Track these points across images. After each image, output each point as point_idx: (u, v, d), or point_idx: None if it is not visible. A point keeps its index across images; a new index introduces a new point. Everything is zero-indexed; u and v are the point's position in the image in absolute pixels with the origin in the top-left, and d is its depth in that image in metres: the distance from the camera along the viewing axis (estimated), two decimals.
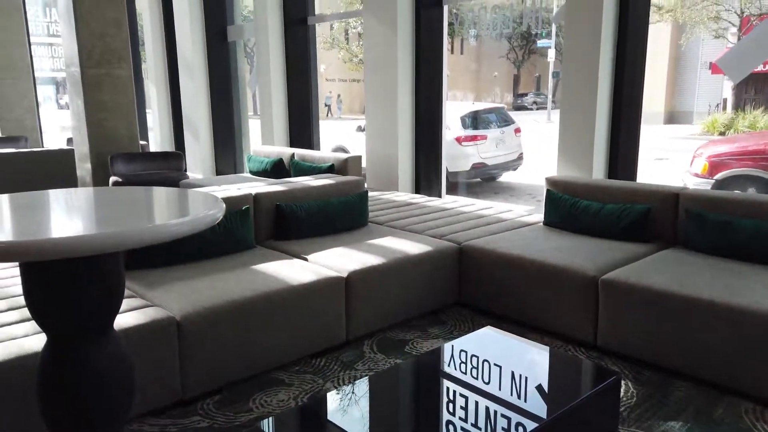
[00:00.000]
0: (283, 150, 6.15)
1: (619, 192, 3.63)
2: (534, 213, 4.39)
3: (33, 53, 9.21)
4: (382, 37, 5.41)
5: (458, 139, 8.45)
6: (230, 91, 8.37)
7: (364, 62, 5.80)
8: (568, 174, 4.23)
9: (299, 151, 5.91)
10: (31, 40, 9.24)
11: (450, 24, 5.56)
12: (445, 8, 5.32)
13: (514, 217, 4.18)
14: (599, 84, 4.04)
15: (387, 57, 5.41)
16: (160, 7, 8.79)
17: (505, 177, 9.86)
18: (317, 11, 7.09)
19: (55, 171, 6.40)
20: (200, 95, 8.17)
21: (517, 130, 9.35)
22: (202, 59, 8.09)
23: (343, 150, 9.54)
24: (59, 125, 10.80)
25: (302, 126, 7.12)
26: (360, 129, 9.37)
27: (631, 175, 4.28)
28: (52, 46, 10.20)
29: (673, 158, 11.26)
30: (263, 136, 7.28)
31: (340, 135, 10.39)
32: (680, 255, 3.17)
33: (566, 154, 4.29)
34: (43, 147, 8.69)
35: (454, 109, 8.63)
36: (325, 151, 6.51)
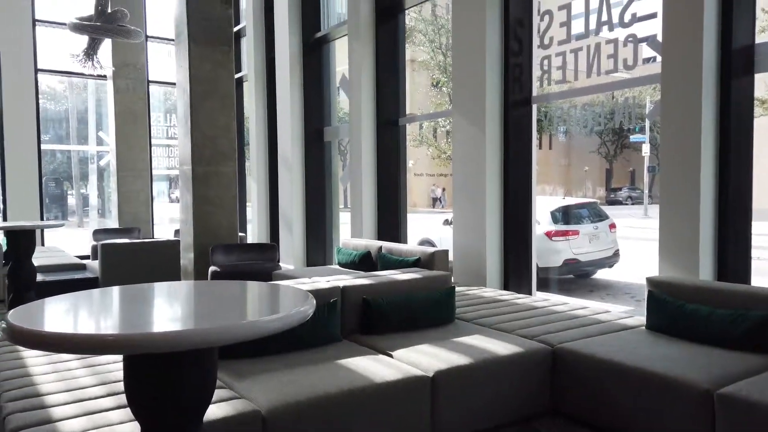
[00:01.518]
0: (371, 243, 6.27)
1: (733, 295, 3.32)
2: (634, 315, 4.10)
3: (152, 153, 10.26)
4: (471, 134, 5.54)
5: (549, 234, 8.25)
6: (323, 186, 8.80)
7: (452, 158, 5.93)
8: (672, 274, 3.96)
9: (386, 244, 6.00)
10: (152, 142, 10.33)
11: (539, 121, 5.62)
12: (534, 107, 5.40)
13: (612, 319, 3.93)
14: (701, 180, 3.85)
15: (475, 153, 5.50)
16: (265, 111, 9.60)
17: (601, 274, 9.40)
18: (408, 111, 7.44)
19: (161, 260, 6.88)
20: (296, 190, 8.65)
21: (612, 226, 9.00)
22: (299, 157, 8.64)
23: (430, 243, 9.57)
24: (169, 217, 11.74)
25: (390, 219, 7.27)
26: (447, 222, 9.41)
27: (744, 276, 3.93)
28: (169, 147, 11.32)
29: None
30: (353, 229, 7.49)
31: (426, 228, 10.48)
32: None
33: (668, 253, 4.04)
34: (153, 237, 9.43)
35: (543, 204, 8.51)
36: (412, 245, 6.55)
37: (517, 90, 5.40)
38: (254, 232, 10.02)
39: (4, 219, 8.95)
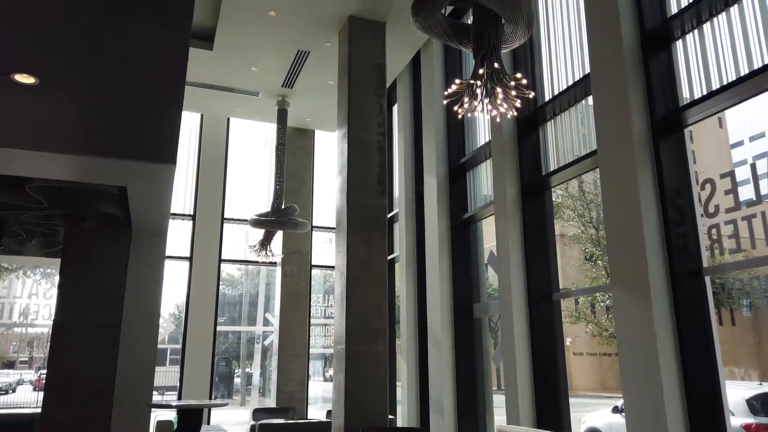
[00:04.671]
0: (529, 430, 5.68)
1: None
2: None
3: (310, 332, 10.81)
4: (635, 310, 5.10)
5: (748, 428, 6.89)
6: (475, 366, 8.44)
7: (617, 337, 5.43)
8: None
9: None
10: (311, 322, 10.94)
11: (714, 293, 5.04)
12: (707, 279, 4.90)
13: None
14: None
15: (643, 331, 5.00)
16: (415, 290, 9.84)
17: None
18: (561, 286, 7.15)
19: None
20: (446, 369, 8.38)
21: None
22: (449, 335, 8.51)
23: None
24: (322, 396, 11.89)
25: (550, 403, 6.63)
26: (617, 410, 8.36)
27: None
28: (325, 326, 11.88)
29: None
30: (508, 413, 6.91)
31: (591, 414, 9.37)
32: None
33: None
34: (306, 418, 9.51)
35: (736, 390, 7.26)
36: None
37: (684, 261, 4.99)
38: (404, 414, 9.67)
39: (179, 397, 9.69)
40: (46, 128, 3.83)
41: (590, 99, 6.11)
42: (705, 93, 4.93)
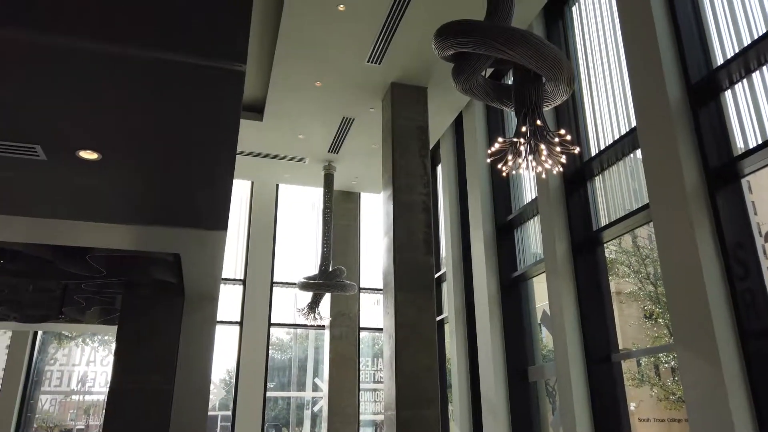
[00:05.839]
0: None
1: None
2: None
3: (360, 398, 10.59)
4: (703, 372, 4.78)
5: None
6: None
7: (685, 401, 5.08)
8: None
9: None
10: (360, 386, 10.73)
11: None
12: None
13: None
14: None
15: (714, 395, 4.66)
16: (466, 352, 9.58)
17: None
18: (621, 346, 6.82)
19: None
20: None
21: None
22: (503, 399, 8.16)
23: None
24: None
25: None
26: None
27: None
28: (375, 391, 11.62)
29: None
30: None
31: None
32: None
33: None
34: None
35: None
36: None
37: (753, 318, 4.69)
38: None
39: None
40: (108, 201, 4.04)
41: (639, 152, 6.00)
42: (760, 142, 4.77)
